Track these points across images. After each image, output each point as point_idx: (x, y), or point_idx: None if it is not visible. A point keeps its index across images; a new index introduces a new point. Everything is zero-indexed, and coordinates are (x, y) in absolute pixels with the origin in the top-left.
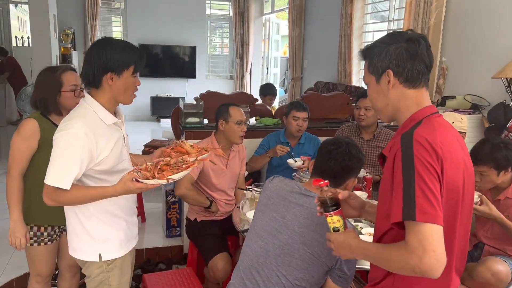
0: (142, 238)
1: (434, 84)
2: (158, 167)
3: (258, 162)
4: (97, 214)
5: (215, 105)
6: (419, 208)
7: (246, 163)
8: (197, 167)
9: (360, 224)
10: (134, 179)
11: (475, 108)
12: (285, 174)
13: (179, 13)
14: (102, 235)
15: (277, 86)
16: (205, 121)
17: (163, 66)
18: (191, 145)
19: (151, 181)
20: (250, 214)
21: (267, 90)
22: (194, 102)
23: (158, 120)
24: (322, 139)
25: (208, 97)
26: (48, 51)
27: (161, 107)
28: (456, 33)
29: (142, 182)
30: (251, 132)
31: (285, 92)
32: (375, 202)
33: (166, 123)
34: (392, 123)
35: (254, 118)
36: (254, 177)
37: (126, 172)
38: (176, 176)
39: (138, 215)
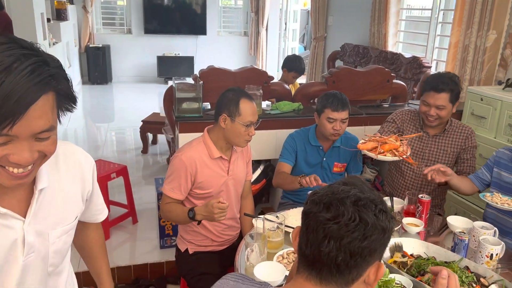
0: (133, 247)
1: (498, 55)
2: None
3: (287, 184)
4: None
5: (218, 85)
6: None
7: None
8: (186, 181)
9: None
10: None
11: None
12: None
13: None
14: None
15: (296, 43)
16: (206, 105)
17: (169, 22)
18: None
19: None
20: (261, 268)
21: (294, 65)
22: (192, 82)
23: (166, 82)
24: (355, 131)
25: (210, 75)
26: (29, 7)
27: (169, 67)
28: None
29: None
30: (264, 122)
31: (305, 49)
32: None
33: None
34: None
35: (266, 104)
36: (270, 177)
37: None
38: None
39: (128, 216)
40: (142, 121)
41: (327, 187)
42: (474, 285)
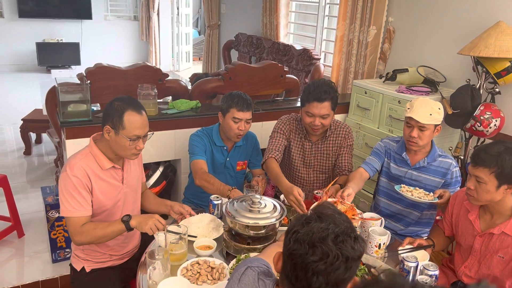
0: (21, 264)
1: (378, 49)
2: None
3: (215, 191)
4: None
5: (107, 85)
6: None
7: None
8: (88, 194)
9: None
10: None
11: (429, 84)
12: (222, 177)
13: None
14: None
15: (190, 28)
16: (95, 106)
17: (48, 3)
18: None
19: None
20: (164, 285)
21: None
22: (78, 81)
23: (49, 71)
24: (255, 127)
25: (98, 74)
26: None
27: (51, 55)
28: None
29: None
30: (162, 122)
31: (199, 34)
32: None
33: (58, 74)
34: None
35: (165, 100)
36: (170, 178)
37: None
38: None
39: (12, 229)
40: (22, 119)
41: (305, 225)
42: (366, 276)
